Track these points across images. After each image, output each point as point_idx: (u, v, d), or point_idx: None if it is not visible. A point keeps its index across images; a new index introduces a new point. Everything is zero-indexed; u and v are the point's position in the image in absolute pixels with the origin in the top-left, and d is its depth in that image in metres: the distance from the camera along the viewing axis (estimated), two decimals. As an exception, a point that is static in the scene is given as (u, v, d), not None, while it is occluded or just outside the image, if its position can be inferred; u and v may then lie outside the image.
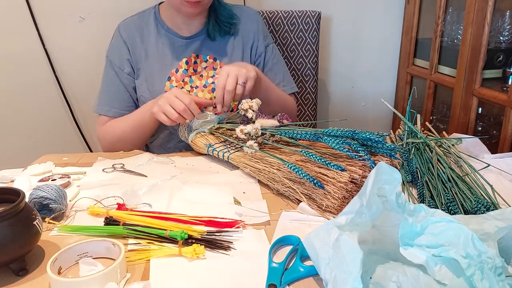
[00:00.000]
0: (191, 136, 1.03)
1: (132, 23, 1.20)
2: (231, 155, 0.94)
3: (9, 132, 1.66)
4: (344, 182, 0.75)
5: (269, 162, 0.86)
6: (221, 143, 0.99)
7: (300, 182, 0.80)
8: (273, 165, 0.85)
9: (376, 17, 1.77)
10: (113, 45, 1.20)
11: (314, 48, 1.56)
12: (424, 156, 0.89)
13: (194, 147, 1.04)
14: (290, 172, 0.80)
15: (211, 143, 0.99)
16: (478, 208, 0.72)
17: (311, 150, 0.84)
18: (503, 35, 1.37)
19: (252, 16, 1.25)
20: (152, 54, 1.17)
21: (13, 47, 1.56)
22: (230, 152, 0.95)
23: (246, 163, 0.90)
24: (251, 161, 0.89)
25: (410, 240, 0.56)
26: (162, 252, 0.65)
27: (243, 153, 0.93)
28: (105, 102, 1.18)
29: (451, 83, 1.47)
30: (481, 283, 0.51)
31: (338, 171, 0.76)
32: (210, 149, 0.98)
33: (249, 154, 0.91)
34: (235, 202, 0.79)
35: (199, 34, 1.19)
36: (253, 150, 0.90)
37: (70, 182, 0.89)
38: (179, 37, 1.18)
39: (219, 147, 0.98)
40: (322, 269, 0.55)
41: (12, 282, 0.60)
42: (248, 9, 1.27)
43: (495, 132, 1.44)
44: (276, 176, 0.83)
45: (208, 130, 1.03)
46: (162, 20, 1.19)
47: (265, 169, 0.85)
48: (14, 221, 0.59)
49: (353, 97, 1.87)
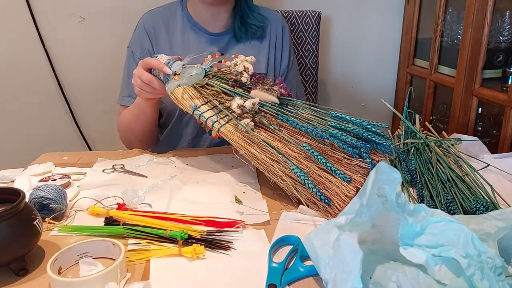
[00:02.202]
0: (170, 86, 0.90)
1: (159, 14, 1.19)
2: (222, 127, 0.84)
3: (9, 132, 1.66)
4: (350, 196, 0.74)
5: (268, 150, 0.80)
6: (207, 105, 0.88)
7: (301, 183, 0.77)
8: (273, 155, 0.79)
9: (376, 17, 1.77)
10: (135, 36, 1.19)
11: (314, 48, 1.56)
12: (423, 156, 0.89)
13: (175, 100, 0.91)
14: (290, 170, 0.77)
15: (197, 104, 0.87)
16: (478, 208, 0.72)
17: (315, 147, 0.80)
18: (503, 35, 1.37)
19: (278, 21, 1.24)
20: (177, 46, 1.16)
21: (13, 47, 1.56)
22: (221, 123, 0.85)
23: (240, 144, 0.82)
24: (245, 142, 0.82)
25: (410, 240, 0.56)
26: (162, 252, 0.65)
27: (234, 127, 0.84)
28: (126, 93, 1.16)
29: (451, 83, 1.47)
30: (481, 283, 0.51)
31: (344, 182, 0.75)
32: (196, 112, 0.87)
33: (243, 132, 0.82)
34: (236, 201, 0.79)
35: (226, 33, 1.18)
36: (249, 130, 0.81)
37: (70, 182, 0.89)
38: (206, 33, 1.17)
39: (206, 113, 0.86)
40: (322, 269, 0.55)
41: (12, 282, 0.60)
42: (274, 13, 1.26)
43: (495, 132, 1.44)
44: (275, 170, 0.78)
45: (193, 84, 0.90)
46: (189, 14, 1.18)
47: (263, 158, 0.79)
48: (14, 221, 0.59)
49: (353, 97, 1.87)
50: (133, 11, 1.25)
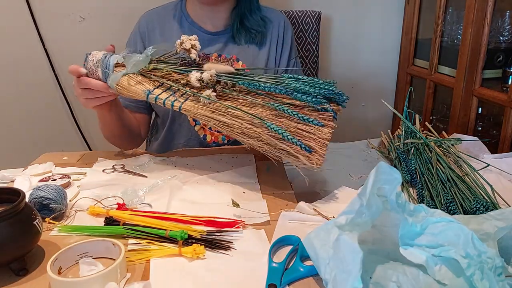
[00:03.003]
0: (114, 78, 0.85)
1: (155, 15, 1.18)
2: (183, 104, 0.81)
3: (9, 132, 1.67)
4: (327, 138, 0.74)
5: (237, 115, 0.78)
6: (159, 88, 0.85)
7: (278, 138, 0.75)
8: (244, 119, 0.77)
9: (376, 17, 1.77)
10: (130, 36, 1.19)
11: (314, 48, 1.56)
12: (423, 156, 0.90)
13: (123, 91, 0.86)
14: (266, 129, 0.76)
15: (149, 88, 0.84)
16: (477, 208, 0.72)
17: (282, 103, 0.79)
18: (503, 35, 1.37)
19: (281, 23, 1.21)
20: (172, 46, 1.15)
21: (13, 47, 1.56)
22: (180, 100, 0.82)
23: (207, 116, 0.80)
24: (213, 113, 0.79)
25: (410, 240, 0.56)
26: (162, 252, 0.65)
27: (196, 102, 0.82)
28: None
29: (451, 83, 1.47)
30: (481, 283, 0.51)
31: (319, 127, 0.75)
32: (151, 96, 0.83)
33: (206, 104, 0.80)
34: (234, 205, 0.78)
35: (223, 32, 1.16)
36: (212, 101, 0.79)
37: (70, 182, 0.89)
38: (203, 32, 1.15)
39: (161, 94, 0.83)
40: (322, 269, 0.55)
41: (12, 282, 0.60)
42: (278, 15, 1.23)
43: (495, 132, 1.44)
44: (251, 131, 0.76)
45: (138, 71, 0.86)
46: (187, 12, 1.16)
47: (235, 123, 0.77)
48: (14, 221, 0.59)
49: (353, 97, 1.86)
50: (133, 11, 1.24)
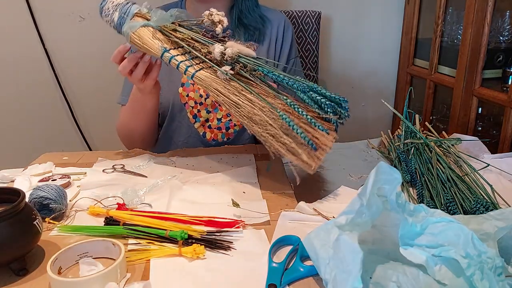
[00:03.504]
0: (132, 25, 0.82)
1: None
2: (197, 72, 0.78)
3: (9, 132, 1.67)
4: (330, 146, 0.74)
5: (249, 98, 0.76)
6: (177, 50, 0.82)
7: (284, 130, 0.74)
8: (255, 104, 0.75)
9: (376, 17, 1.77)
10: None
11: (314, 48, 1.56)
12: (423, 156, 0.90)
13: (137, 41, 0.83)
14: (275, 119, 0.74)
15: (165, 47, 0.81)
16: (477, 208, 0.72)
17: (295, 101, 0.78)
18: (503, 35, 1.37)
19: (281, 23, 1.21)
20: None
21: (13, 47, 1.56)
22: (195, 68, 0.79)
23: (219, 91, 0.77)
24: (226, 90, 0.77)
25: (410, 240, 0.56)
26: (162, 252, 0.65)
27: (212, 75, 0.79)
28: (127, 93, 1.13)
29: (451, 83, 1.47)
30: (481, 283, 0.51)
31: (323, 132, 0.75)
32: (166, 54, 0.80)
33: (221, 79, 0.77)
34: (234, 204, 0.78)
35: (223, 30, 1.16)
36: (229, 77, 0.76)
37: (70, 182, 0.89)
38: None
39: (177, 56, 0.80)
40: (322, 269, 0.55)
41: (12, 282, 0.60)
42: (278, 14, 1.23)
43: (495, 132, 1.44)
44: (259, 118, 0.74)
45: (159, 27, 0.83)
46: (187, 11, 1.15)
47: (245, 105, 0.75)
48: (14, 221, 0.59)
49: (353, 97, 1.87)
50: (133, 11, 1.24)
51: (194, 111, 1.15)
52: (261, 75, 0.80)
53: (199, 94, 1.14)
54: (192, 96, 1.15)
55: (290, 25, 1.24)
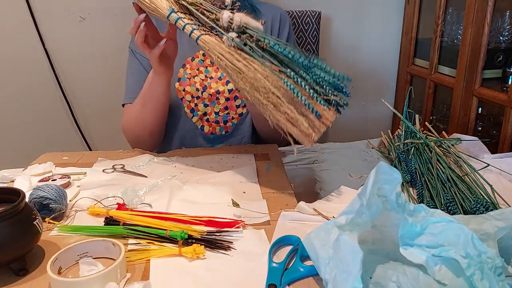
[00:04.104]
0: None
1: None
2: (203, 36, 0.78)
3: (9, 132, 1.67)
4: (331, 120, 0.73)
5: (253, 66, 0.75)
6: (185, 14, 0.82)
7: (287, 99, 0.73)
8: (258, 71, 0.74)
9: (376, 17, 1.77)
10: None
11: (314, 48, 1.56)
12: (423, 156, 0.90)
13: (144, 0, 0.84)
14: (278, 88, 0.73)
15: (173, 8, 0.81)
16: (477, 208, 0.72)
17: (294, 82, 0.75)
18: (503, 35, 1.37)
19: (276, 17, 1.18)
20: None
21: (13, 47, 1.56)
22: (201, 32, 0.79)
23: (223, 55, 0.76)
24: (230, 55, 0.76)
25: (410, 240, 0.56)
26: (162, 252, 0.65)
27: (217, 40, 0.78)
28: (130, 92, 1.13)
29: (451, 83, 1.47)
30: (481, 283, 0.51)
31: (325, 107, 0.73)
32: (173, 15, 0.80)
33: (226, 46, 0.77)
34: (234, 204, 0.78)
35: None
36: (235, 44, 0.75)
37: (70, 182, 0.89)
38: None
39: (184, 18, 0.80)
40: (322, 269, 0.55)
41: (12, 282, 0.60)
42: (273, 9, 1.20)
43: (495, 132, 1.44)
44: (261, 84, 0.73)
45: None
46: None
47: (249, 73, 0.74)
48: (14, 221, 0.59)
49: (353, 97, 1.87)
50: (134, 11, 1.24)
51: (192, 105, 1.16)
52: (267, 46, 0.77)
53: (196, 88, 1.14)
54: (188, 90, 1.15)
55: (287, 21, 1.21)
